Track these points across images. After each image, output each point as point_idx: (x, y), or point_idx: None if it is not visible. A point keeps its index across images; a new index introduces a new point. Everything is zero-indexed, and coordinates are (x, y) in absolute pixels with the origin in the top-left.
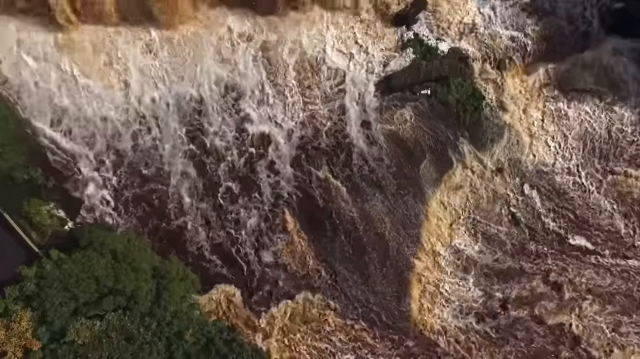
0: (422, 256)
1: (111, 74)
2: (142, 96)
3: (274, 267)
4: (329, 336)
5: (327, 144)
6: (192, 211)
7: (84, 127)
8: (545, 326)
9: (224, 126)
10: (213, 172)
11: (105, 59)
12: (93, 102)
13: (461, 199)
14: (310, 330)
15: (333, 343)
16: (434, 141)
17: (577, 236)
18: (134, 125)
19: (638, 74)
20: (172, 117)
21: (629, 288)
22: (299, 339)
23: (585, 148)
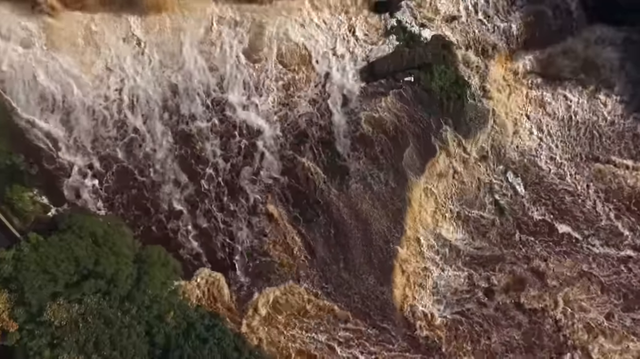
0: (405, 243)
1: (94, 60)
2: (124, 83)
3: (257, 254)
4: (312, 322)
5: (310, 130)
6: (174, 197)
7: (65, 113)
8: (528, 312)
9: (206, 112)
10: (196, 160)
11: (88, 46)
12: (75, 89)
13: (445, 186)
14: (293, 317)
15: (317, 330)
16: (418, 128)
17: (560, 224)
18: (116, 112)
19: (621, 62)
20: (154, 103)
21: (612, 275)
22: (282, 326)
23: (569, 136)
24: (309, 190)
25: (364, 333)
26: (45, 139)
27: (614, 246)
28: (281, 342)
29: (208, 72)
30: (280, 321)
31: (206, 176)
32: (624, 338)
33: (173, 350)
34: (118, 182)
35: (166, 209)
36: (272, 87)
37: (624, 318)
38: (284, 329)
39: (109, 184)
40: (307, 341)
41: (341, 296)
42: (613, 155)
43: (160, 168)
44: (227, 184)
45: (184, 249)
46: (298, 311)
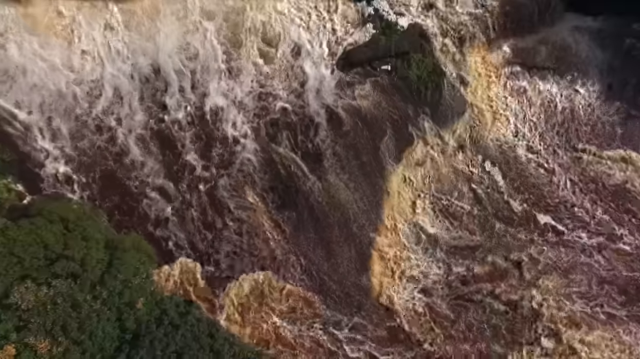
0: (383, 232)
1: (71, 47)
2: (102, 69)
3: (235, 242)
4: (290, 312)
5: (287, 118)
6: (151, 185)
7: (42, 99)
8: (506, 301)
9: (183, 99)
10: (172, 147)
11: (66, 32)
12: (52, 74)
13: (423, 175)
14: (270, 304)
15: (294, 319)
16: (395, 117)
17: (538, 213)
18: (94, 98)
19: (597, 52)
20: (131, 90)
21: (591, 265)
22: (259, 313)
23: (547, 125)
24: (286, 178)
25: (342, 321)
26: (19, 125)
27: (591, 234)
28: (257, 330)
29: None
30: (257, 308)
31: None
32: (601, 328)
33: (144, 335)
34: (94, 170)
35: (143, 196)
36: (248, 75)
37: (601, 308)
38: (261, 316)
39: (85, 171)
40: (284, 328)
41: (318, 284)
42: (590, 144)
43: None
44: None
45: (160, 237)
46: (275, 299)
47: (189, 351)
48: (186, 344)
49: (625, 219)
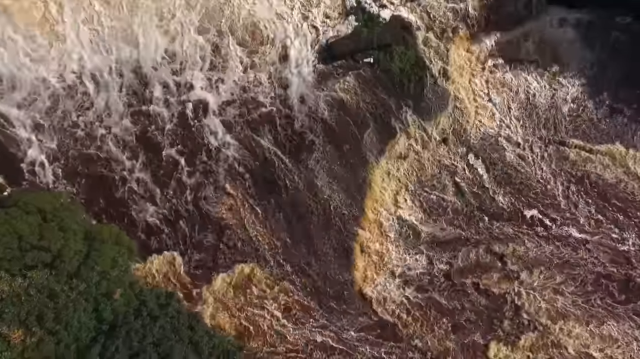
0: (366, 225)
1: (51, 37)
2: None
3: (216, 236)
4: (272, 305)
5: (269, 111)
6: (132, 178)
7: (21, 91)
8: (488, 294)
9: (164, 91)
10: (154, 139)
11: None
12: (31, 66)
13: (406, 168)
14: (253, 299)
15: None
16: (378, 110)
17: (522, 206)
18: (74, 89)
19: (581, 45)
20: (112, 81)
21: (574, 258)
22: (241, 308)
23: (530, 118)
24: (268, 171)
25: (324, 316)
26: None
27: (574, 228)
28: (239, 322)
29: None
30: (239, 301)
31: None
32: (584, 321)
33: (120, 326)
34: (75, 163)
35: (124, 189)
36: (230, 67)
37: (584, 302)
38: (243, 309)
39: (66, 165)
40: (266, 321)
41: (301, 277)
42: (573, 138)
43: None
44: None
45: (142, 230)
46: (257, 292)
47: (167, 342)
48: (164, 336)
49: (609, 212)
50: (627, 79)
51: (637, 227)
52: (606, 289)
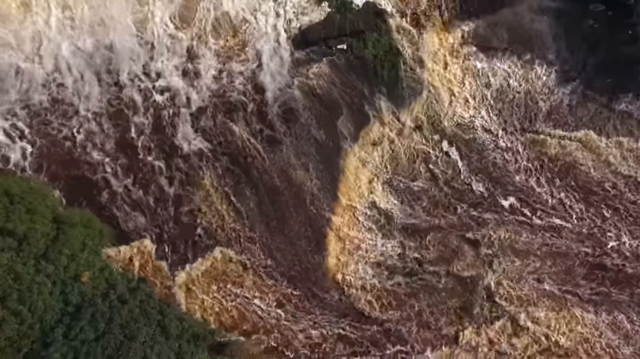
0: (340, 211)
1: (24, 23)
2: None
3: (190, 222)
4: (246, 292)
5: (242, 98)
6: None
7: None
8: (461, 280)
9: (137, 78)
10: (127, 126)
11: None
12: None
13: (380, 155)
14: (227, 286)
15: (251, 299)
16: (351, 97)
17: (496, 193)
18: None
19: (556, 33)
20: (86, 68)
21: (544, 245)
22: (215, 295)
23: (504, 106)
24: (241, 157)
25: (297, 301)
26: None
27: (548, 215)
28: (213, 309)
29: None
30: (213, 289)
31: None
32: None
33: (86, 308)
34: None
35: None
36: (203, 55)
37: (556, 288)
38: (216, 296)
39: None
40: (239, 308)
41: (275, 264)
42: (547, 126)
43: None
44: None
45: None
46: (231, 279)
47: (135, 324)
48: (132, 319)
49: (582, 199)
50: (600, 66)
51: (607, 213)
52: (577, 275)
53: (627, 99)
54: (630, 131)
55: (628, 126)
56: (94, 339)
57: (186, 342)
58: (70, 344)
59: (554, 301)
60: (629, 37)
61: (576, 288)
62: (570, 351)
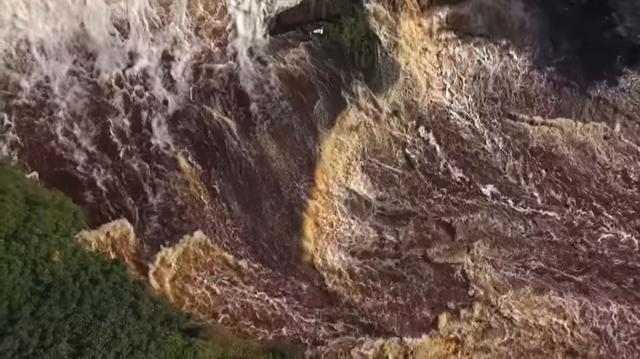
0: (316, 196)
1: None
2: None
3: (167, 206)
4: (222, 276)
5: (219, 82)
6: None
7: None
8: (437, 266)
9: (112, 61)
10: (102, 109)
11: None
12: None
13: (356, 140)
14: (203, 270)
15: (227, 284)
16: (327, 81)
17: (472, 179)
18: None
19: (532, 19)
20: (59, 52)
21: (521, 231)
22: (192, 279)
23: (481, 92)
24: (218, 141)
25: (273, 285)
26: None
27: (523, 201)
28: (189, 293)
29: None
30: (189, 272)
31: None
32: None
33: (56, 287)
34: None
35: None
36: (179, 37)
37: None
38: (192, 280)
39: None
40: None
41: (250, 248)
42: (523, 112)
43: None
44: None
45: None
46: (207, 263)
47: (107, 305)
48: (104, 299)
49: (558, 186)
50: (576, 53)
51: (585, 198)
52: (552, 260)
53: (603, 85)
54: (606, 116)
55: (603, 111)
56: (63, 318)
57: (159, 324)
58: (38, 322)
59: (529, 287)
60: (605, 22)
61: (552, 274)
62: (545, 335)
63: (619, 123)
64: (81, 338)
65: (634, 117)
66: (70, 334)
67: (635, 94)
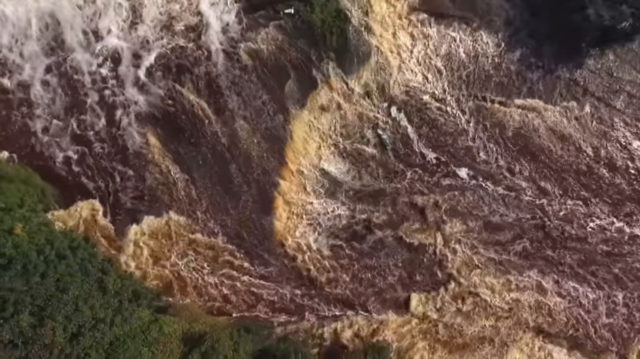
0: (287, 175)
1: None
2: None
3: (138, 184)
4: (193, 255)
5: (190, 61)
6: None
7: None
8: (409, 246)
9: (82, 39)
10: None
11: None
12: None
13: (328, 120)
14: (174, 249)
15: (198, 263)
16: (299, 61)
17: (443, 159)
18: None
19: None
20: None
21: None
22: (163, 258)
23: (452, 73)
24: (189, 121)
25: (244, 264)
26: None
27: (492, 182)
28: (160, 272)
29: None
30: (159, 251)
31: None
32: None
33: (18, 260)
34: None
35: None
36: (149, 17)
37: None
38: (163, 259)
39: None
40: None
41: (221, 227)
42: (494, 93)
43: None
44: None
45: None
46: (178, 242)
47: (73, 279)
48: (70, 274)
49: (527, 164)
50: (547, 35)
51: (554, 178)
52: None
53: (573, 67)
54: (576, 98)
55: (574, 92)
56: (25, 291)
57: (127, 300)
58: None
59: (502, 267)
60: (575, 5)
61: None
62: (516, 314)
63: (589, 104)
64: (43, 310)
65: (604, 98)
66: (31, 307)
67: (604, 75)
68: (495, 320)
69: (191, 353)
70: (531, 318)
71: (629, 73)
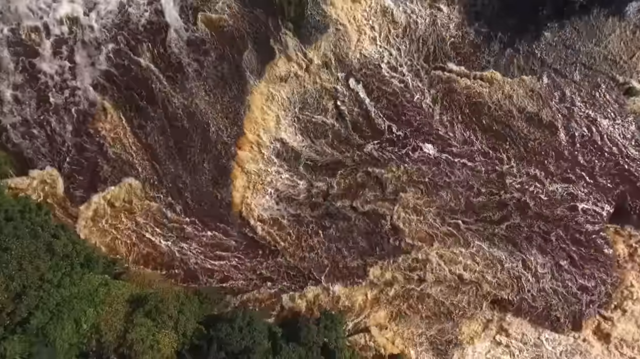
0: (245, 146)
1: None
2: None
3: (95, 153)
4: (151, 225)
5: (145, 30)
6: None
7: None
8: (366, 216)
9: (36, 8)
10: (28, 54)
11: None
12: None
13: (286, 91)
14: (132, 218)
15: (155, 232)
16: (257, 31)
17: (400, 129)
18: None
19: None
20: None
21: (449, 182)
22: (121, 227)
23: (411, 45)
24: (145, 88)
25: (202, 235)
26: None
27: (450, 152)
28: (117, 240)
29: None
30: (116, 220)
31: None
32: (457, 242)
33: None
34: None
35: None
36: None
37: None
38: (119, 228)
39: None
40: (144, 239)
41: (179, 198)
42: (452, 63)
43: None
44: (62, 82)
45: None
46: (135, 212)
47: (20, 240)
48: (17, 236)
49: (485, 135)
50: (505, 6)
51: (513, 149)
52: (477, 212)
53: (531, 39)
54: (534, 70)
55: (531, 64)
56: None
57: (79, 265)
58: None
59: (456, 236)
60: None
61: (476, 223)
62: (472, 285)
63: (546, 76)
64: None
65: (561, 70)
66: None
67: (561, 47)
68: (452, 290)
69: (135, 312)
70: (488, 288)
71: (585, 45)
